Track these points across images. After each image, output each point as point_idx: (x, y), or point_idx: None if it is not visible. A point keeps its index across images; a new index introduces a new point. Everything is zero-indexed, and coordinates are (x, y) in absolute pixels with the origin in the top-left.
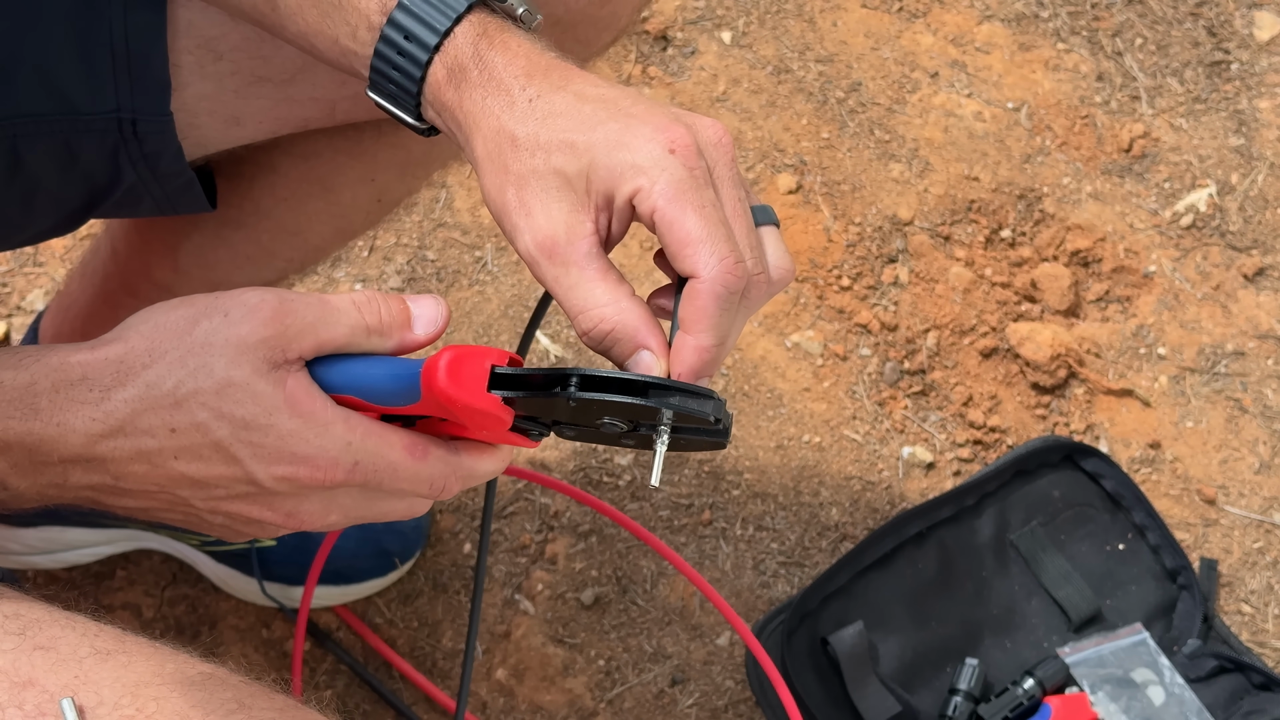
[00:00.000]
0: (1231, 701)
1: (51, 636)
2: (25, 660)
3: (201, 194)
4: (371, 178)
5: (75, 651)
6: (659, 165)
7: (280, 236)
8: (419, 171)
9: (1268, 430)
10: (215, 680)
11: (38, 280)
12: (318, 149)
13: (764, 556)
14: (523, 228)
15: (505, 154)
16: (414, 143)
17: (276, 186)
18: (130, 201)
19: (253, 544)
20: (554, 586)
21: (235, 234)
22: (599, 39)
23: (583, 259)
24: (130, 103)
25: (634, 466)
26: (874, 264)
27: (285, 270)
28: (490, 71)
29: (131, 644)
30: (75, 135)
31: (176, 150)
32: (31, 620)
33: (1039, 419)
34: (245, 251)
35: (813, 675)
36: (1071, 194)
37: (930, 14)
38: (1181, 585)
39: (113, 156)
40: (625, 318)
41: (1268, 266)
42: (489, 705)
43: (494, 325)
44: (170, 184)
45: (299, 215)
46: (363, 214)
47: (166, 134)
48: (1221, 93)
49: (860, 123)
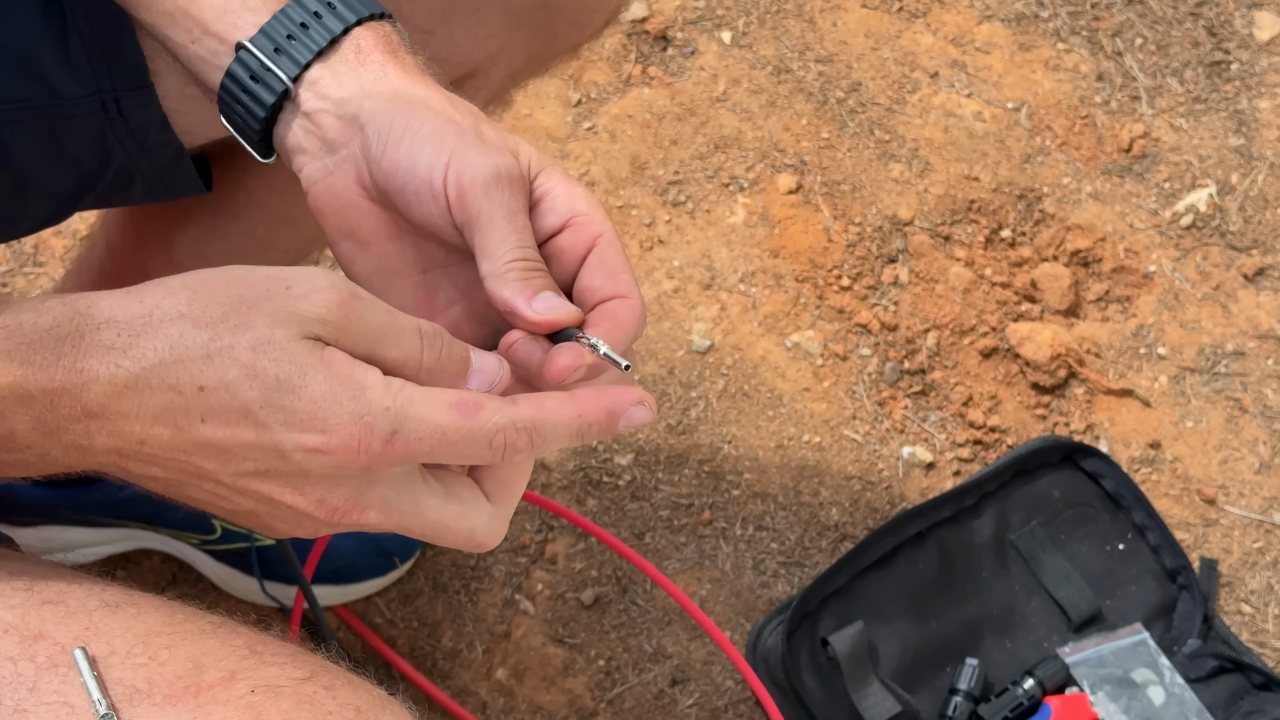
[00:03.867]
0: (1231, 701)
1: (59, 590)
2: (34, 614)
3: (193, 171)
4: None
5: (84, 604)
6: (602, 207)
7: (275, 227)
8: None
9: (1268, 430)
10: (226, 628)
11: (38, 280)
12: None
13: (764, 556)
14: (490, 151)
15: (461, 105)
16: None
17: (269, 176)
18: (122, 184)
19: (252, 543)
20: (554, 586)
21: (230, 225)
22: (590, 21)
23: (526, 207)
24: (110, 82)
25: (634, 466)
26: (874, 264)
27: (281, 262)
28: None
29: (139, 597)
30: (60, 121)
31: (162, 121)
32: (38, 576)
33: (1039, 419)
34: (240, 243)
35: (813, 675)
36: (1071, 194)
37: (930, 14)
38: (1181, 585)
39: (100, 139)
40: (542, 263)
41: (1268, 266)
42: (489, 705)
43: None
44: (160, 158)
45: (293, 205)
46: None
47: (151, 105)
48: (1221, 93)
49: (860, 123)
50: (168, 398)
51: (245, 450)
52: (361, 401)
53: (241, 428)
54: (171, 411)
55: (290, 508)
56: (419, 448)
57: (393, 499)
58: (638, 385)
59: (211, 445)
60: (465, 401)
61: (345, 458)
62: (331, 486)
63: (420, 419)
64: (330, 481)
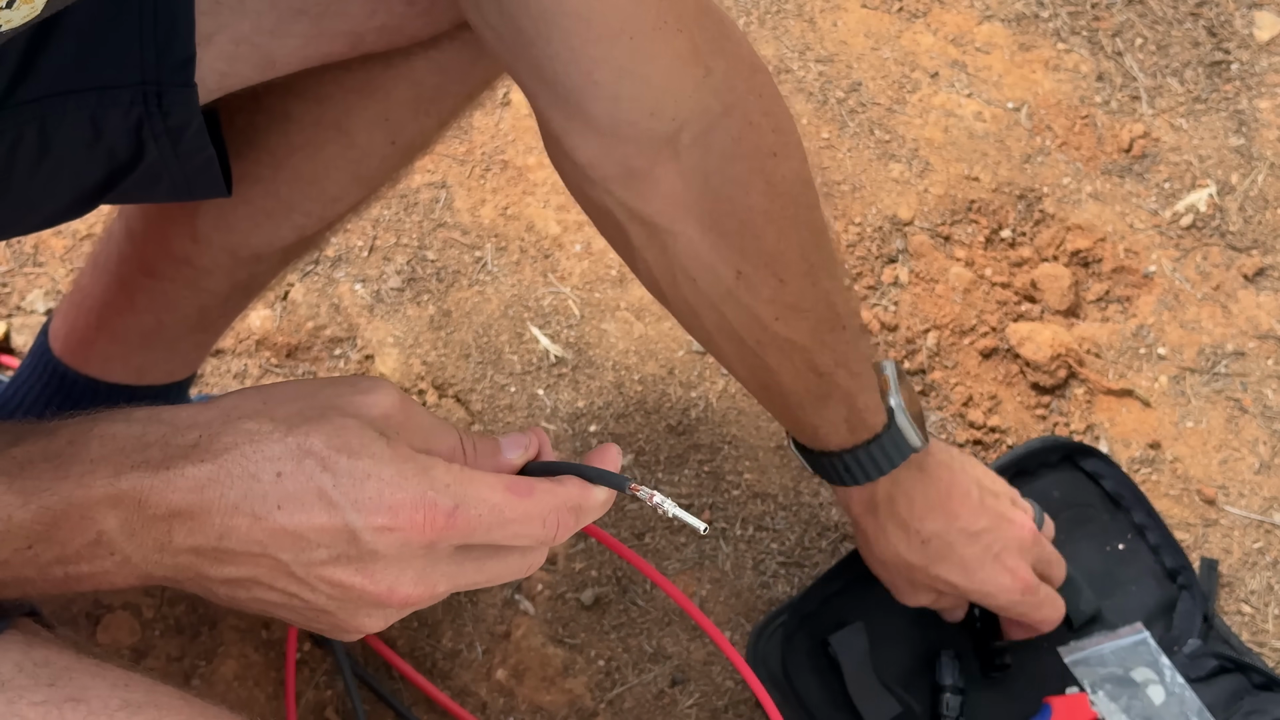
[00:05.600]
0: (1232, 701)
1: (82, 686)
2: (56, 713)
3: (219, 174)
4: (385, 116)
5: (106, 704)
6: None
7: (298, 186)
8: (431, 109)
9: (1268, 430)
10: None
11: (38, 280)
12: (329, 91)
13: (764, 556)
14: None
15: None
16: (425, 75)
17: (291, 134)
18: (148, 182)
19: None
20: (554, 586)
21: (253, 189)
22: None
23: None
24: (155, 75)
25: (634, 466)
26: (874, 264)
27: (304, 226)
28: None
29: (163, 696)
30: (102, 109)
31: (200, 125)
32: (62, 669)
33: (1039, 419)
34: (263, 206)
35: (813, 676)
36: (1071, 194)
37: (930, 14)
38: (1181, 585)
39: (136, 130)
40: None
41: (1268, 266)
42: (489, 705)
43: (494, 325)
44: (190, 162)
45: (315, 163)
46: (379, 158)
47: (190, 106)
48: (1221, 93)
49: (860, 123)
50: (247, 485)
51: (319, 535)
52: (426, 479)
53: (315, 511)
54: (250, 499)
55: (361, 594)
56: (479, 524)
57: (456, 572)
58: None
59: (287, 533)
60: (518, 483)
61: (411, 534)
62: (399, 572)
63: (479, 498)
64: (398, 565)
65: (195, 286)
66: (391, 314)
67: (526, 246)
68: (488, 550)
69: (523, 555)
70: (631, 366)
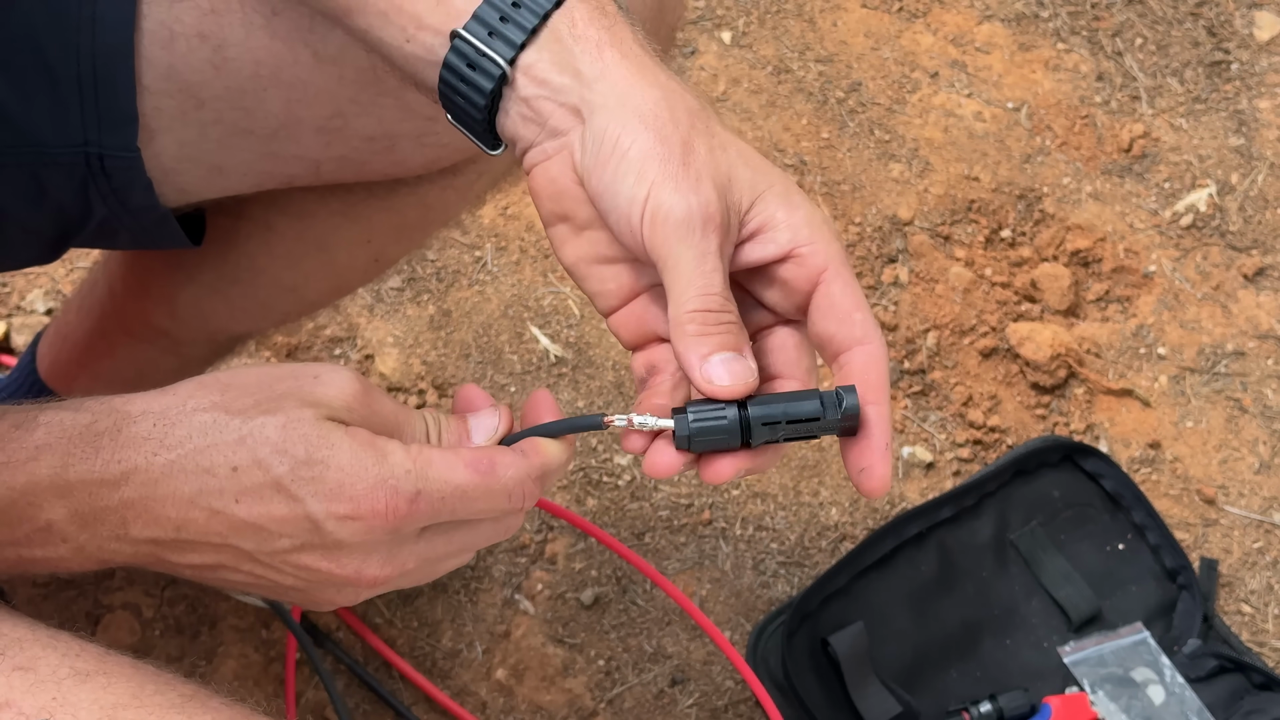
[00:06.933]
0: (1232, 701)
1: (32, 657)
2: (4, 681)
3: (179, 230)
4: (368, 239)
5: (55, 672)
6: (831, 231)
7: (277, 293)
8: (415, 235)
9: (1268, 430)
10: (196, 702)
11: (38, 280)
12: (312, 209)
13: (764, 556)
14: (687, 188)
15: (679, 112)
16: (409, 207)
17: (273, 245)
18: (108, 234)
19: None
20: (554, 586)
21: (232, 289)
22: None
23: (725, 245)
24: (98, 138)
25: (633, 466)
26: (874, 264)
27: (283, 321)
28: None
29: (113, 664)
30: (42, 168)
31: (146, 185)
32: (13, 639)
33: (1039, 419)
34: (242, 305)
35: (813, 676)
36: (1071, 194)
37: (930, 14)
38: (1181, 585)
39: (82, 190)
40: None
41: (1268, 266)
42: (489, 705)
43: (494, 325)
44: (144, 219)
45: (295, 273)
46: (360, 273)
47: (134, 170)
48: (1221, 93)
49: (860, 123)
50: (202, 481)
51: (280, 525)
52: (385, 466)
53: (275, 503)
54: (206, 494)
55: (329, 576)
56: (442, 507)
57: (425, 550)
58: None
59: (247, 525)
60: (479, 460)
61: (374, 521)
62: (365, 555)
63: (441, 479)
64: (363, 551)
65: (175, 353)
66: (391, 314)
67: (526, 246)
68: (456, 523)
69: (494, 523)
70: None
